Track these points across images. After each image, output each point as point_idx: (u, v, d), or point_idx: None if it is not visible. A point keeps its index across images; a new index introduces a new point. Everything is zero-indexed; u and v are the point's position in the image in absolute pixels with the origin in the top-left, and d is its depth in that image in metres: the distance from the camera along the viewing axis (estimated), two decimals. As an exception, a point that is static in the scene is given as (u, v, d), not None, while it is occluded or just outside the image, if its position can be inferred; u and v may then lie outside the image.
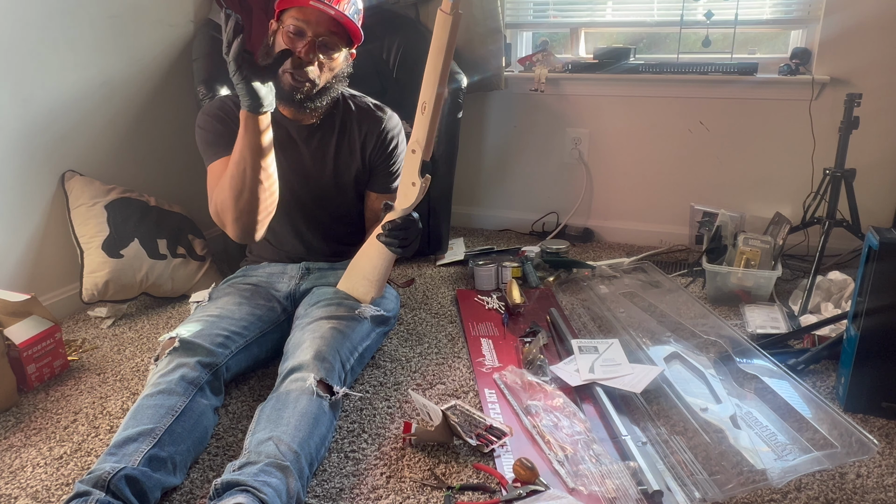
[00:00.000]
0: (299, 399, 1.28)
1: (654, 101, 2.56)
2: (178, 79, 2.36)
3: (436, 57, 1.30)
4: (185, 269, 2.14)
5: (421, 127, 1.35)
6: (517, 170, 2.82)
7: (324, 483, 1.26)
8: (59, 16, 1.96)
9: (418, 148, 1.37)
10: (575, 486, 1.22)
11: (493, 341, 1.81)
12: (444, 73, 1.30)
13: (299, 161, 1.66)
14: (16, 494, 1.26)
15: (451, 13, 1.24)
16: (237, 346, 1.48)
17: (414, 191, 1.41)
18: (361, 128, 1.70)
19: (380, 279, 1.59)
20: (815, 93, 2.33)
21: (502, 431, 1.37)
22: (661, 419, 1.42)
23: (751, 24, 2.48)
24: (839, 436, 1.27)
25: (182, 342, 1.39)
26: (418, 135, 1.37)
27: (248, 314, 1.56)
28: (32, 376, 1.65)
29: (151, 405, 1.25)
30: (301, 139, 1.65)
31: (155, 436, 1.20)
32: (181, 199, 2.34)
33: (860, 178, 2.10)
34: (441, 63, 1.29)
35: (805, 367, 1.63)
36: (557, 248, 2.39)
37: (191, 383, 1.32)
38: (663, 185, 2.64)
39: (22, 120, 1.90)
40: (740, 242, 2.10)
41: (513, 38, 2.83)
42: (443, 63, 1.29)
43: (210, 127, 1.59)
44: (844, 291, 1.92)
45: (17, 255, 1.95)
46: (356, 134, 1.69)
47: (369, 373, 1.66)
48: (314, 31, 1.48)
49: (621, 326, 1.84)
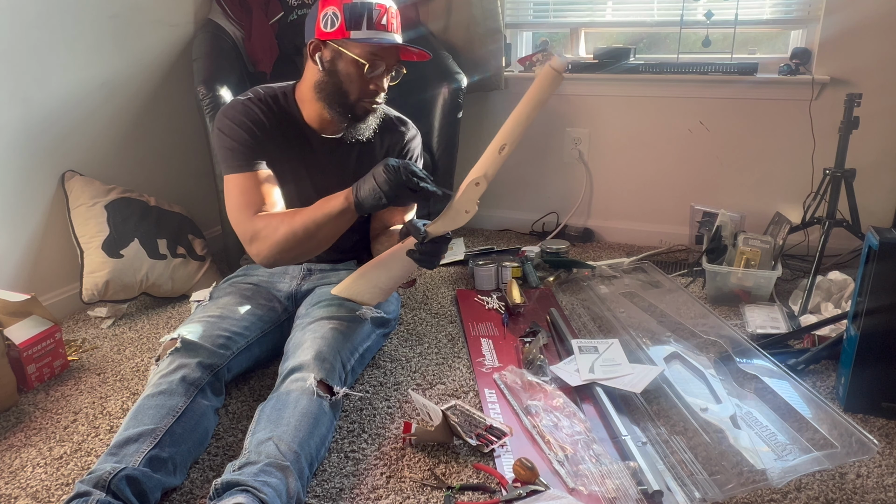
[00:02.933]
0: (300, 399, 1.28)
1: (654, 101, 2.56)
2: (178, 79, 2.36)
3: (530, 107, 1.33)
4: (185, 269, 2.14)
5: (493, 165, 1.37)
6: (517, 170, 2.81)
7: (324, 483, 1.26)
8: (59, 16, 1.96)
9: (484, 182, 1.38)
10: (575, 486, 1.22)
11: (493, 341, 1.81)
12: (530, 122, 1.35)
13: (318, 172, 1.61)
14: (16, 494, 1.26)
15: (560, 72, 1.28)
16: (238, 347, 1.48)
17: (465, 218, 1.41)
18: (383, 141, 1.68)
19: (391, 290, 1.57)
20: (815, 93, 2.33)
21: (502, 431, 1.37)
22: (661, 419, 1.42)
23: (751, 24, 2.48)
24: (839, 436, 1.27)
25: (184, 343, 1.38)
26: (488, 171, 1.38)
27: (249, 314, 1.55)
28: (32, 376, 1.65)
29: (152, 405, 1.25)
30: (323, 150, 1.62)
31: (156, 436, 1.19)
32: (181, 199, 2.34)
33: (860, 178, 2.10)
34: (534, 114, 1.33)
35: (805, 367, 1.63)
36: (557, 248, 2.39)
37: (192, 384, 1.32)
38: (663, 185, 2.64)
39: (22, 120, 1.90)
40: (740, 242, 2.10)
41: (513, 38, 2.83)
42: (534, 114, 1.34)
43: (236, 136, 1.49)
44: (844, 291, 1.92)
45: (17, 255, 1.95)
46: (377, 147, 1.67)
47: (369, 373, 1.66)
48: (389, 62, 1.50)
49: (621, 326, 1.84)
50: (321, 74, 1.50)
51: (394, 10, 1.48)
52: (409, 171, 1.32)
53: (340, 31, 1.43)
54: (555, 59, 1.26)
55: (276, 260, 1.48)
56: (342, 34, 1.43)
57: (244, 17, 2.38)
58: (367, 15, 1.42)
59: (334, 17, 1.42)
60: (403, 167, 1.32)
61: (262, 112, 1.52)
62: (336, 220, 1.40)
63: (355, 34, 1.42)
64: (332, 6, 1.43)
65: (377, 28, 1.44)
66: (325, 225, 1.41)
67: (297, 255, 1.48)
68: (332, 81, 1.48)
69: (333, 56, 1.47)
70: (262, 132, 1.50)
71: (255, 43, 2.36)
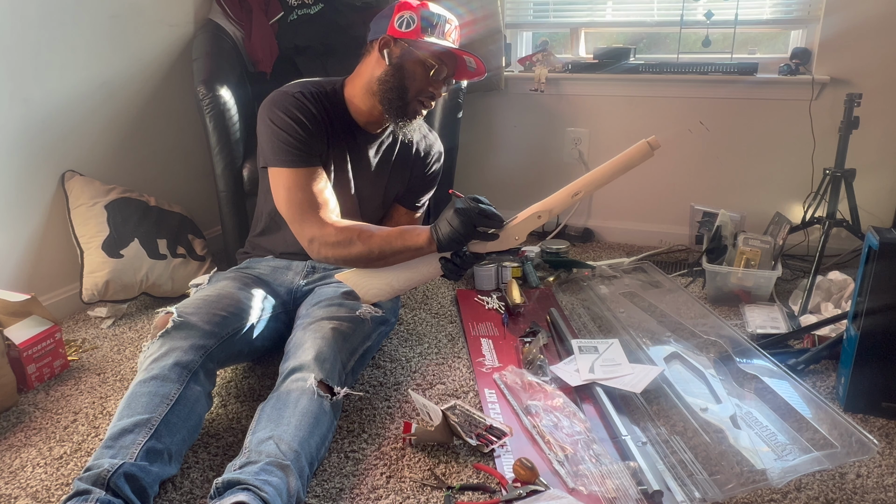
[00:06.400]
0: (300, 399, 1.28)
1: (654, 101, 2.56)
2: (178, 79, 2.36)
3: (616, 169, 1.39)
4: (185, 269, 2.14)
5: (561, 205, 1.44)
6: (517, 170, 2.82)
7: (324, 483, 1.26)
8: (59, 16, 1.96)
9: (546, 217, 1.44)
10: (575, 486, 1.22)
11: (493, 341, 1.81)
12: (609, 182, 1.42)
13: (359, 166, 1.68)
14: (16, 494, 1.26)
15: (654, 150, 1.36)
16: (233, 328, 1.45)
17: (513, 243, 1.46)
18: (419, 144, 1.78)
19: (402, 291, 1.59)
20: (815, 93, 2.33)
21: (502, 431, 1.37)
22: (661, 419, 1.42)
23: (751, 24, 2.48)
24: (839, 436, 1.27)
25: (176, 322, 1.37)
26: (554, 208, 1.44)
27: (247, 299, 1.54)
28: (32, 376, 1.65)
29: (145, 393, 1.24)
30: (367, 146, 1.69)
31: (151, 426, 1.19)
32: (181, 199, 2.34)
33: (860, 178, 2.10)
34: (616, 176, 1.40)
35: (805, 367, 1.63)
36: (557, 248, 2.39)
37: (185, 368, 1.30)
38: (663, 185, 2.64)
39: (22, 120, 1.90)
40: (740, 242, 2.10)
41: (513, 38, 2.83)
42: (616, 177, 1.40)
43: (292, 131, 1.51)
44: (844, 291, 1.92)
45: (17, 255, 1.95)
46: (413, 148, 1.77)
47: (369, 373, 1.66)
48: (449, 71, 1.59)
49: (621, 326, 1.84)
50: (386, 68, 1.56)
51: (457, 26, 1.61)
52: (479, 210, 1.39)
53: (415, 32, 1.54)
54: (654, 139, 1.35)
55: (334, 263, 1.57)
56: (416, 35, 1.54)
57: (244, 17, 2.38)
58: (439, 25, 1.56)
59: (411, 19, 1.54)
60: (472, 209, 1.38)
61: (315, 107, 1.56)
62: (413, 254, 1.48)
63: (428, 38, 1.54)
64: (409, 11, 1.55)
65: (445, 38, 1.57)
66: (401, 254, 1.48)
67: (355, 265, 1.55)
68: (396, 76, 1.55)
69: (403, 53, 1.55)
70: (314, 127, 1.55)
71: (255, 43, 2.36)
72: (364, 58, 1.62)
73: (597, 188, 1.42)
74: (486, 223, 1.39)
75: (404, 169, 1.77)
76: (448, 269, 1.45)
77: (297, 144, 1.52)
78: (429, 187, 1.85)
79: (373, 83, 1.57)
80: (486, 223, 1.39)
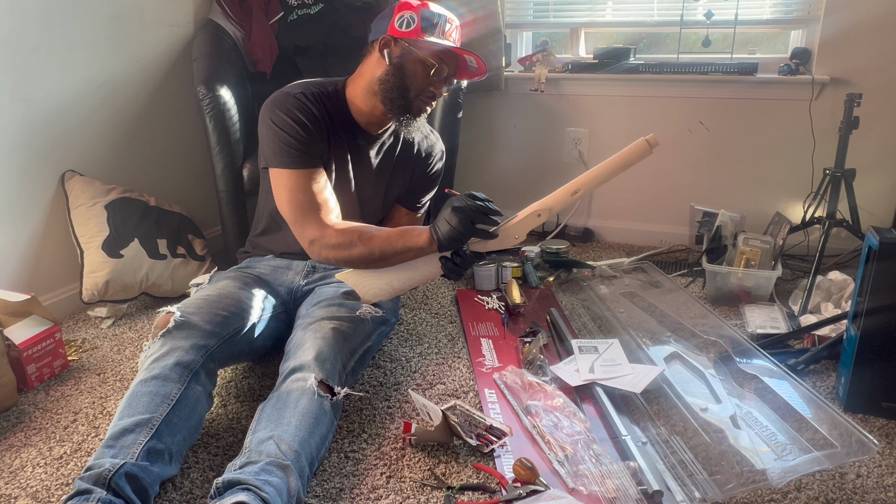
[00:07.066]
0: (300, 399, 1.28)
1: (653, 101, 2.56)
2: (178, 79, 2.36)
3: (615, 167, 1.38)
4: (185, 269, 2.14)
5: (561, 204, 1.43)
6: (517, 170, 2.82)
7: (324, 483, 1.26)
8: (59, 16, 1.96)
9: (546, 215, 1.44)
10: (575, 486, 1.22)
11: (493, 341, 1.81)
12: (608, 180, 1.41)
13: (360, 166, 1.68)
14: (16, 494, 1.26)
15: (652, 148, 1.35)
16: (234, 328, 1.46)
17: (513, 242, 1.46)
18: (422, 145, 1.78)
19: (402, 291, 1.58)
20: (815, 93, 2.33)
21: (502, 431, 1.37)
22: (661, 419, 1.42)
23: (751, 24, 2.48)
24: (839, 436, 1.27)
25: (177, 322, 1.37)
26: (554, 207, 1.43)
27: (248, 299, 1.54)
28: (32, 376, 1.65)
29: (146, 392, 1.24)
30: (368, 146, 1.69)
31: (152, 426, 1.19)
32: (181, 199, 2.34)
33: (860, 178, 2.10)
34: (615, 173, 1.39)
35: (805, 367, 1.63)
36: (557, 248, 2.39)
37: (186, 368, 1.30)
38: (663, 185, 2.64)
39: (22, 120, 1.90)
40: (740, 242, 2.10)
41: (513, 38, 2.83)
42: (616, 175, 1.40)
43: (293, 132, 1.51)
44: (844, 291, 1.92)
45: (17, 255, 1.95)
46: (414, 148, 1.77)
47: (369, 373, 1.66)
48: (450, 70, 1.59)
49: (621, 326, 1.84)
50: (387, 68, 1.55)
51: (458, 25, 1.61)
52: (476, 207, 1.38)
53: (415, 32, 1.54)
54: (652, 137, 1.35)
55: (335, 264, 1.57)
56: (416, 35, 1.53)
57: (244, 17, 2.38)
58: (440, 24, 1.56)
59: (411, 19, 1.54)
60: (469, 206, 1.38)
61: (316, 108, 1.56)
62: (414, 254, 1.47)
63: (428, 38, 1.54)
64: (409, 10, 1.54)
65: (446, 38, 1.57)
66: (402, 254, 1.47)
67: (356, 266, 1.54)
68: (397, 75, 1.55)
69: (403, 53, 1.55)
70: (316, 128, 1.55)
71: (255, 43, 2.36)
72: (365, 58, 1.62)
73: (596, 186, 1.42)
74: (484, 219, 1.39)
75: (405, 169, 1.77)
76: (448, 269, 1.45)
77: (299, 145, 1.51)
78: (430, 187, 1.85)
79: (374, 83, 1.57)
80: (484, 219, 1.39)
